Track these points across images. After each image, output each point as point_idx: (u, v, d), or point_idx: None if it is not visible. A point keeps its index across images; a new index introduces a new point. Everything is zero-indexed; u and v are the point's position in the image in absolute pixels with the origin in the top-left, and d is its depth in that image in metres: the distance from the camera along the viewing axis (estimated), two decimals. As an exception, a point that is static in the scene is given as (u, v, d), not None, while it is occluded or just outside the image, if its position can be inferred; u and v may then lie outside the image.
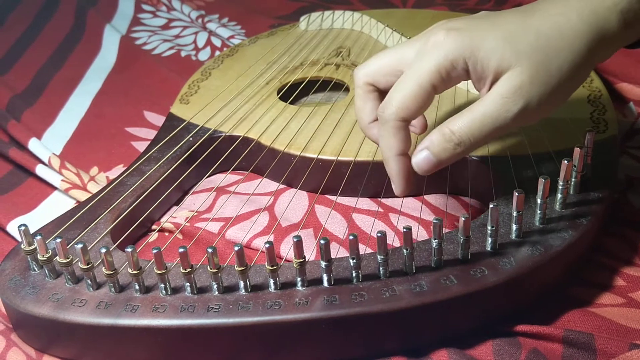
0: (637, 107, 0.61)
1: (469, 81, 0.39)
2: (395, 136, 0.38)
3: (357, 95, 0.41)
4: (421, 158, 0.37)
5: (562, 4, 0.37)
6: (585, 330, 0.39)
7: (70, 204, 0.54)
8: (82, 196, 0.53)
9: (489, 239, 0.39)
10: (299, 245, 0.36)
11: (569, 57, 0.36)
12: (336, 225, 0.48)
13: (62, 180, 0.55)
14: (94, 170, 0.59)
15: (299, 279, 0.37)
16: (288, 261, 0.40)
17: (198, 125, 0.55)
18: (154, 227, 0.50)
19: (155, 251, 0.36)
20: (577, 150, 0.42)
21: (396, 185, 0.40)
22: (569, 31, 0.36)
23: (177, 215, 0.50)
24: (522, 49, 0.36)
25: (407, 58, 0.38)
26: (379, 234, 0.36)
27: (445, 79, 0.36)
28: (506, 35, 0.36)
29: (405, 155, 0.39)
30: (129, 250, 0.36)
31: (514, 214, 0.39)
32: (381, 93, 0.40)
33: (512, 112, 0.35)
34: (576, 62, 0.36)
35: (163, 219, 0.50)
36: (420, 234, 0.46)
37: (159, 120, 0.66)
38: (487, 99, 0.36)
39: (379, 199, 0.50)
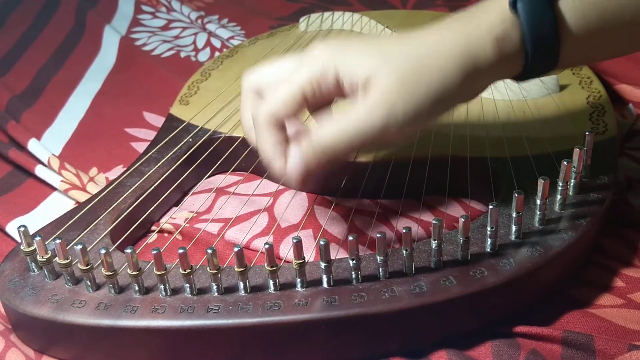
0: (636, 109, 0.61)
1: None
2: (269, 130, 0.38)
3: (242, 101, 0.42)
4: (292, 164, 0.38)
5: (442, 27, 0.37)
6: (584, 331, 0.39)
7: (70, 205, 0.54)
8: (82, 197, 0.53)
9: (489, 240, 0.39)
10: (298, 246, 0.36)
11: (440, 74, 0.35)
12: (336, 226, 0.48)
13: (62, 181, 0.55)
14: (94, 171, 0.58)
15: (298, 280, 0.37)
16: (287, 262, 0.40)
17: (198, 126, 0.55)
18: (153, 228, 0.50)
19: (154, 252, 0.36)
20: (576, 151, 0.42)
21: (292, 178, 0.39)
22: (442, 51, 0.36)
23: (177, 216, 0.50)
24: (392, 61, 0.36)
25: (290, 68, 0.39)
26: (378, 235, 0.36)
27: (316, 89, 0.37)
28: (379, 49, 0.36)
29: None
30: (129, 251, 0.36)
31: (514, 214, 0.39)
32: None
33: (376, 122, 0.35)
34: (447, 81, 0.36)
35: (162, 220, 0.50)
36: (419, 234, 0.46)
37: (158, 121, 0.66)
38: (354, 108, 0.36)
39: (379, 200, 0.50)
